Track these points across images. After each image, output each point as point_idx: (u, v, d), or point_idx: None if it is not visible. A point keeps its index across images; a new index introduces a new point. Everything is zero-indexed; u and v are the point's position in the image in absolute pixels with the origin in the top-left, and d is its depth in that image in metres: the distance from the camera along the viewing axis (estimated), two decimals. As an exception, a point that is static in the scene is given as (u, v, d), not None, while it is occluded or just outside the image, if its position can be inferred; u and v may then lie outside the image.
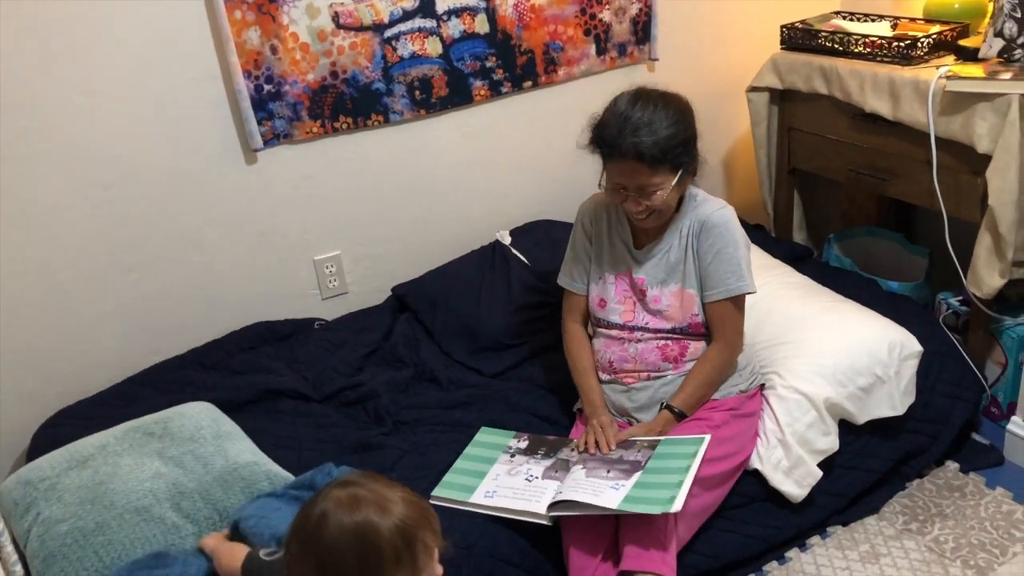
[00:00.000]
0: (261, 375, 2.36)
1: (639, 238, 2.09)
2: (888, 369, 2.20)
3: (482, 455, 2.06)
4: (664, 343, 2.05)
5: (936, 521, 2.17)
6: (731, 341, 2.05)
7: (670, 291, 2.04)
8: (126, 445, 1.94)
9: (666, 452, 1.91)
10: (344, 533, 1.20)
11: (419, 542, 1.25)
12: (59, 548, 1.72)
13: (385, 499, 1.24)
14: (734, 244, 2.00)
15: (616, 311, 2.08)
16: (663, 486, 1.81)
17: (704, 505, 1.96)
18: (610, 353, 2.08)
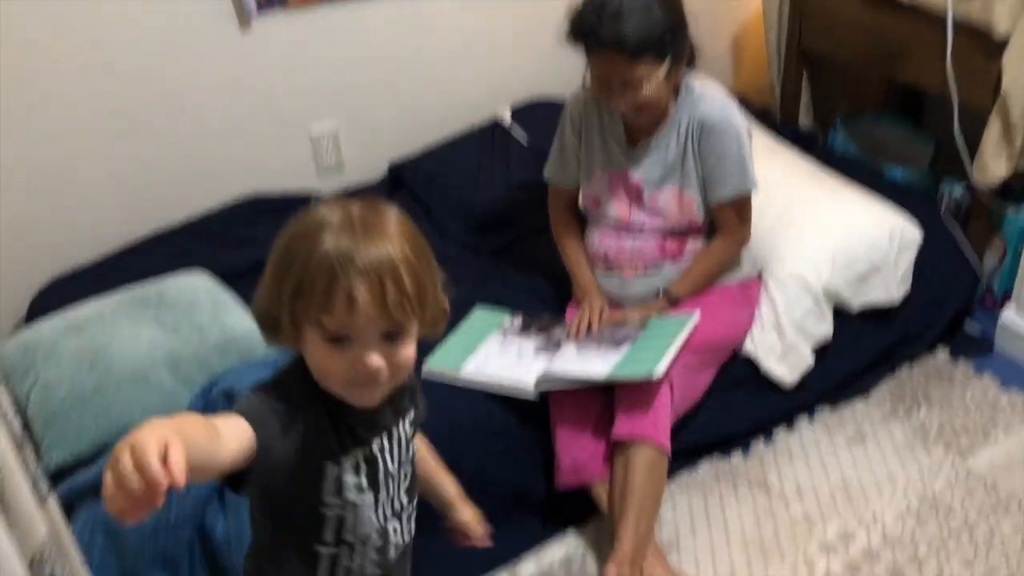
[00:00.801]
0: (256, 247, 2.35)
1: (633, 135, 2.01)
2: (887, 256, 2.20)
3: (476, 331, 2.08)
4: (663, 240, 2.02)
5: (923, 406, 2.21)
6: (738, 236, 2.03)
7: (668, 192, 1.98)
8: (122, 312, 1.95)
9: (656, 326, 1.94)
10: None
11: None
12: (58, 410, 1.74)
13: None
14: (737, 142, 1.94)
15: (611, 209, 2.04)
16: (650, 352, 1.84)
17: (696, 380, 1.99)
18: (606, 247, 2.06)
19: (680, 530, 1.94)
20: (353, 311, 0.94)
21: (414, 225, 1.03)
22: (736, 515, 1.96)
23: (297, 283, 0.95)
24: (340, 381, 0.99)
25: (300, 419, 0.99)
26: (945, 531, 1.88)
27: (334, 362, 0.97)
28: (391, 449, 1.10)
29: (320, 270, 0.94)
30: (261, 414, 0.96)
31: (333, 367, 0.98)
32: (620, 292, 2.08)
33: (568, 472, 1.89)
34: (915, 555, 1.83)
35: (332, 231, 0.96)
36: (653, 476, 1.81)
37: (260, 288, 1.02)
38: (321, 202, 1.02)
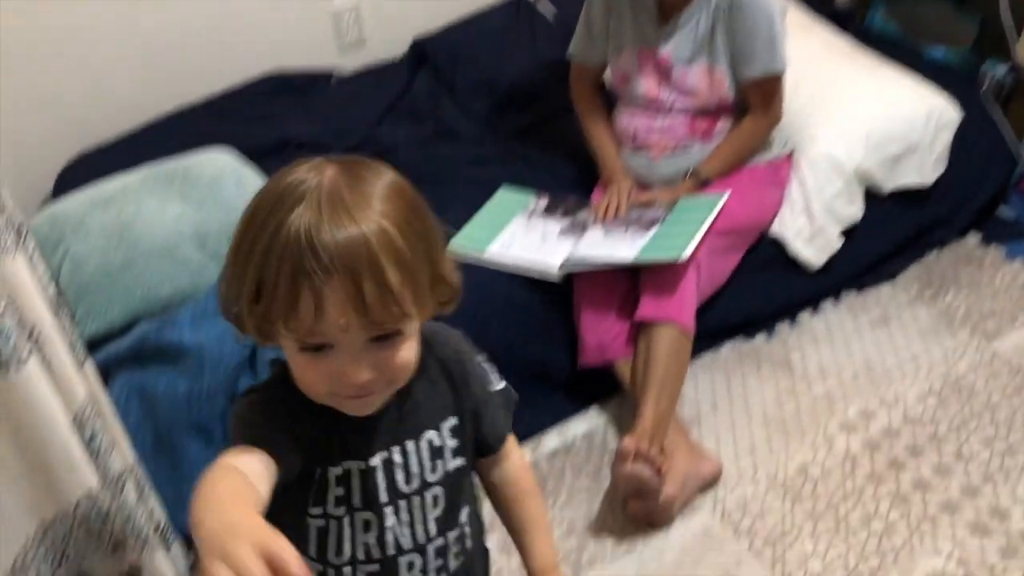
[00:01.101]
0: (279, 125, 2.33)
1: (664, 10, 1.95)
2: (923, 137, 2.15)
3: (501, 212, 2.07)
4: (692, 118, 1.98)
5: (950, 290, 2.19)
6: (768, 116, 1.99)
7: (698, 69, 1.94)
8: (148, 187, 1.95)
9: (685, 207, 1.92)
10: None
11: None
12: (89, 283, 1.77)
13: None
14: (768, 20, 1.88)
15: (639, 87, 2.00)
16: (677, 236, 1.82)
17: (723, 263, 1.98)
18: (634, 126, 2.03)
19: (702, 408, 1.96)
20: (322, 317, 0.74)
21: (410, 189, 0.82)
22: (758, 394, 1.98)
23: (256, 279, 0.76)
24: (323, 393, 0.82)
25: (300, 426, 0.85)
26: (967, 411, 1.89)
27: (313, 372, 0.80)
28: (406, 465, 0.91)
29: (281, 262, 0.74)
30: (270, 433, 0.83)
31: (312, 377, 0.80)
32: (648, 172, 2.04)
33: (592, 351, 1.91)
34: (935, 434, 1.85)
35: (299, 205, 0.75)
36: (677, 356, 1.82)
37: (222, 273, 0.84)
38: (300, 162, 0.80)
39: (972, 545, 1.64)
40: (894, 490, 1.75)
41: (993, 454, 1.80)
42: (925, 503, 1.72)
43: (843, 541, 1.67)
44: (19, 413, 0.91)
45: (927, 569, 1.61)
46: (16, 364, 0.91)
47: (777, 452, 1.85)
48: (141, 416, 1.63)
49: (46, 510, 0.98)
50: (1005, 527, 1.66)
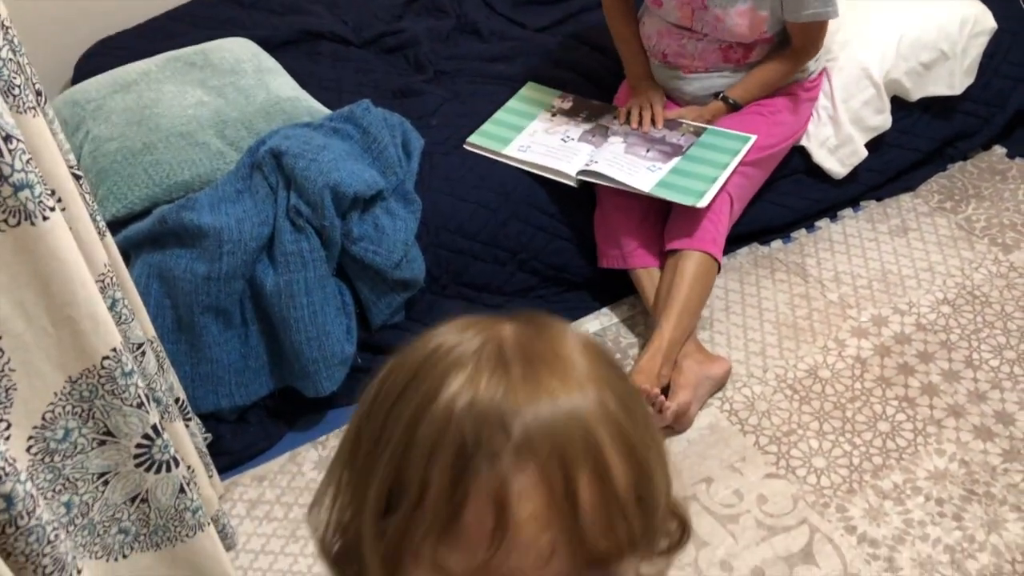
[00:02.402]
0: (300, 16, 2.30)
1: None
2: (955, 45, 2.10)
3: (523, 110, 2.05)
4: (727, 46, 1.90)
5: (972, 201, 2.17)
6: (809, 53, 1.92)
7: (737, 10, 1.82)
8: (168, 73, 1.94)
9: (709, 142, 1.87)
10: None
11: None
12: (110, 165, 1.78)
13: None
14: None
15: (672, 12, 1.89)
16: (698, 177, 1.79)
17: (754, 182, 1.96)
18: (664, 45, 1.95)
19: (715, 309, 1.97)
20: (505, 536, 0.47)
21: (609, 353, 0.58)
22: (771, 297, 1.99)
23: (389, 481, 0.50)
24: None
25: None
26: (980, 320, 1.90)
27: None
28: None
29: (435, 451, 0.48)
30: None
31: None
32: (677, 87, 1.99)
33: (613, 257, 1.90)
34: (946, 341, 1.86)
35: (459, 371, 0.50)
36: (703, 282, 1.81)
37: (325, 480, 0.56)
38: (448, 321, 0.55)
39: (975, 447, 1.66)
40: (902, 394, 1.77)
41: (1003, 362, 1.81)
42: (932, 407, 1.74)
43: (848, 441, 1.70)
44: (47, 263, 0.93)
45: (929, 468, 1.64)
46: (42, 215, 0.92)
47: (787, 354, 1.87)
48: (161, 296, 1.66)
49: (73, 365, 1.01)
50: (1009, 431, 1.68)
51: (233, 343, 1.68)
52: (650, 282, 1.88)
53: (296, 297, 1.63)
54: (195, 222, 1.64)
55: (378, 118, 1.88)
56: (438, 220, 1.85)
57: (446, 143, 1.97)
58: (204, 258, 1.64)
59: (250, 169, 1.74)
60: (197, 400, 1.66)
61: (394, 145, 1.86)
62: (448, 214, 1.86)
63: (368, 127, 1.85)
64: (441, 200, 1.87)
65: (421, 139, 1.94)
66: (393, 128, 1.90)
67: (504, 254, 1.92)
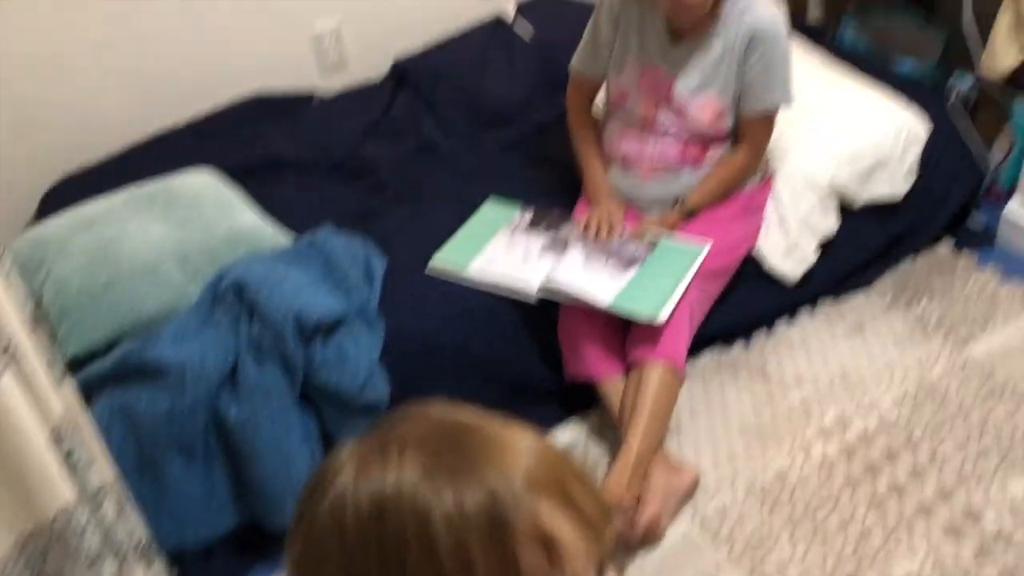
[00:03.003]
0: (262, 145, 2.36)
1: (674, 34, 1.92)
2: (893, 150, 2.19)
3: (484, 227, 2.09)
4: (684, 144, 1.97)
5: (924, 297, 2.23)
6: (760, 150, 2.01)
7: (701, 100, 1.92)
8: (131, 209, 1.97)
9: (665, 252, 1.91)
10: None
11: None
12: (72, 303, 1.78)
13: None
14: (783, 56, 1.89)
15: (636, 107, 1.98)
16: (656, 290, 1.83)
17: (711, 292, 2.00)
18: (624, 146, 2.02)
19: (681, 417, 1.98)
20: (563, 559, 0.56)
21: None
22: (736, 402, 2.01)
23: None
24: None
25: None
26: (940, 416, 1.92)
27: None
28: None
29: (469, 541, 0.54)
30: None
31: None
32: (634, 193, 2.05)
33: (576, 366, 1.92)
34: (909, 439, 1.88)
35: (429, 483, 0.56)
36: (667, 394, 1.82)
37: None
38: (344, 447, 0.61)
39: (947, 547, 1.67)
40: (870, 494, 1.78)
41: (966, 457, 1.83)
42: (901, 506, 1.75)
43: (820, 546, 1.70)
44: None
45: (903, 572, 1.63)
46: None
47: (755, 460, 1.88)
48: (124, 434, 1.65)
49: (24, 524, 1.00)
50: (979, 528, 1.69)
51: (197, 478, 1.67)
52: (615, 393, 1.89)
53: (259, 429, 1.63)
54: (157, 358, 1.64)
55: (340, 243, 1.91)
56: (402, 340, 1.86)
57: (408, 263, 2.00)
58: (166, 394, 1.63)
59: (212, 301, 1.76)
60: (162, 537, 1.63)
61: (356, 269, 1.89)
62: (412, 333, 1.88)
63: (330, 253, 1.88)
64: (404, 319, 1.88)
65: (383, 261, 1.97)
66: (355, 252, 1.93)
67: (468, 370, 1.93)
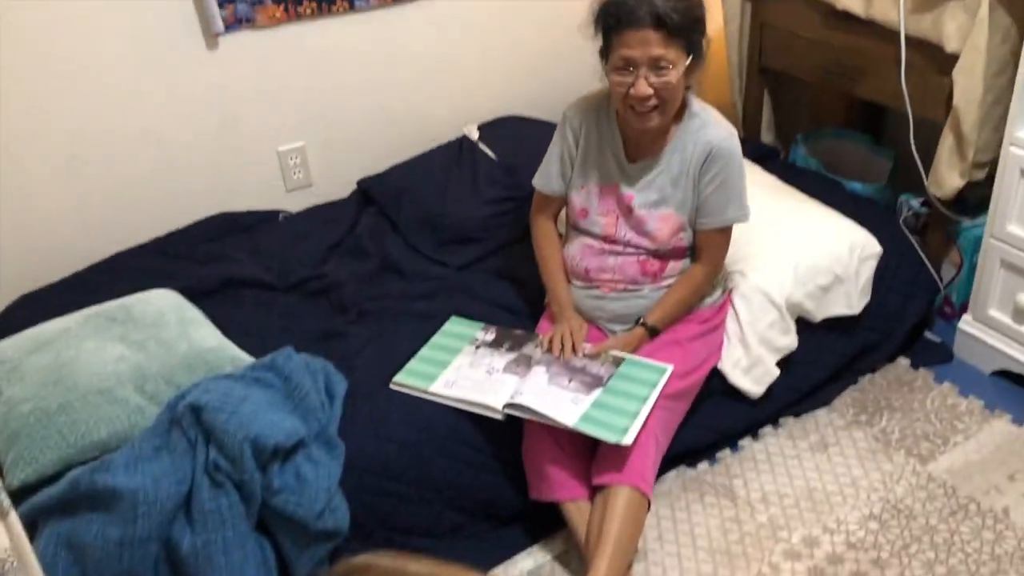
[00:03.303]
0: (224, 264, 2.35)
1: (632, 151, 1.98)
2: (848, 269, 2.24)
3: (448, 345, 2.09)
4: (645, 258, 2.01)
5: (884, 413, 2.25)
6: (717, 264, 2.05)
7: (660, 215, 1.97)
8: (89, 329, 1.94)
9: (629, 373, 1.92)
10: None
11: None
12: (22, 427, 1.73)
13: None
14: (738, 174, 1.95)
15: (598, 223, 2.02)
16: (620, 412, 1.82)
17: (678, 414, 2.00)
18: (587, 262, 2.05)
19: (647, 539, 1.95)
20: None
21: None
22: (703, 523, 1.98)
23: None
24: None
25: None
26: (907, 535, 1.91)
27: None
28: None
29: None
30: None
31: None
32: (596, 307, 2.07)
33: (541, 488, 1.90)
34: (878, 559, 1.86)
35: None
36: (634, 519, 1.80)
37: None
38: None
39: (920, 674, 1.63)
40: (841, 619, 1.74)
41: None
42: (872, 631, 1.71)
43: (793, 674, 1.65)
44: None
45: None
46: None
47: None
48: (70, 565, 1.57)
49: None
50: (951, 654, 1.66)
51: (146, 612, 1.59)
52: (580, 516, 1.86)
53: (214, 559, 1.57)
54: (109, 484, 1.59)
55: (300, 364, 1.89)
56: (362, 463, 1.83)
57: (370, 383, 1.98)
58: (117, 522, 1.57)
59: (169, 424, 1.72)
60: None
61: (316, 391, 1.86)
62: (372, 456, 1.84)
63: (290, 374, 1.86)
64: (365, 442, 1.85)
65: (344, 381, 1.95)
66: (315, 373, 1.91)
67: (431, 493, 1.89)
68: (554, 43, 2.89)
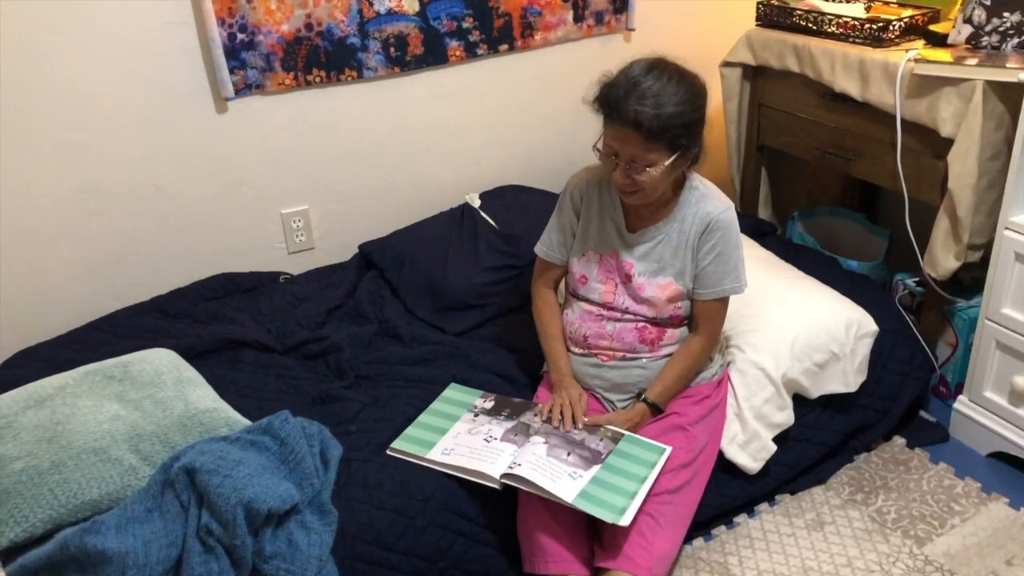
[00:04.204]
0: (224, 325, 2.36)
1: (632, 221, 2.01)
2: (844, 347, 2.25)
3: (446, 411, 2.08)
4: (643, 326, 2.02)
5: (880, 493, 2.24)
6: (714, 335, 2.05)
7: (659, 283, 1.99)
8: (85, 387, 1.94)
9: (628, 451, 1.90)
10: None
11: None
12: (13, 485, 1.71)
13: None
14: (735, 246, 1.97)
15: (597, 290, 2.04)
16: (619, 491, 1.80)
17: (690, 504, 1.97)
18: (586, 328, 2.06)
19: (641, 616, 1.92)
20: None
21: None
22: (697, 601, 1.96)
23: None
24: None
25: None
26: (904, 619, 1.89)
27: None
28: None
29: None
30: None
31: None
32: (595, 376, 2.07)
33: (535, 561, 1.86)
34: (874, 643, 1.84)
35: None
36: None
37: None
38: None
39: None
40: None
41: (933, 665, 1.78)
42: None
43: None
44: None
45: None
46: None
47: (718, 664, 1.81)
48: (54, 630, 1.55)
49: None
50: None
51: None
52: (576, 592, 1.83)
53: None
54: (99, 547, 1.56)
55: (296, 428, 1.88)
56: (355, 530, 1.80)
57: (365, 449, 1.97)
58: (105, 585, 1.55)
59: (162, 486, 1.70)
60: None
61: (312, 455, 1.85)
62: (365, 524, 1.82)
63: (286, 438, 1.85)
64: (359, 509, 1.83)
65: (340, 447, 1.94)
66: (311, 438, 1.90)
67: (423, 563, 1.87)
68: (556, 116, 2.95)
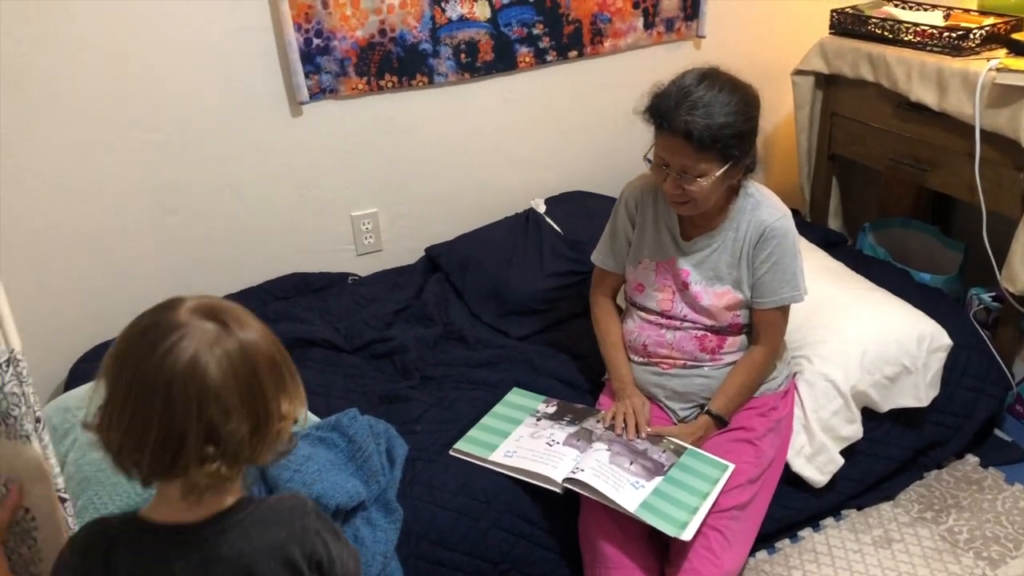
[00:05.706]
0: (294, 324, 2.41)
1: (687, 229, 2.00)
2: (916, 360, 2.20)
3: (509, 415, 2.09)
4: (703, 334, 2.01)
5: (952, 512, 2.18)
6: (776, 345, 2.02)
7: (716, 292, 1.97)
8: (161, 380, 1.99)
9: (690, 465, 1.88)
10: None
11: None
12: (93, 474, 1.77)
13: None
14: (792, 254, 1.94)
15: (654, 298, 2.03)
16: (681, 505, 1.79)
17: (757, 517, 1.95)
18: (645, 337, 2.05)
19: (703, 627, 1.90)
20: None
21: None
22: (760, 614, 1.93)
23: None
24: None
25: None
26: (975, 642, 1.84)
27: None
28: None
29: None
30: None
31: None
32: (656, 384, 2.06)
33: (596, 567, 1.85)
34: (944, 665, 1.79)
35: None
36: None
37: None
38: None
39: None
40: None
41: None
42: None
43: None
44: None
45: None
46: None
47: None
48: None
49: None
50: None
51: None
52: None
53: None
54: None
55: (364, 426, 1.91)
56: (419, 529, 1.83)
57: (430, 449, 1.99)
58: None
59: (240, 477, 1.74)
60: None
61: (378, 453, 1.88)
62: (429, 523, 1.84)
63: (354, 436, 1.87)
64: (423, 508, 1.85)
65: (405, 446, 1.96)
66: (378, 436, 1.93)
67: (485, 564, 1.88)
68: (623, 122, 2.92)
